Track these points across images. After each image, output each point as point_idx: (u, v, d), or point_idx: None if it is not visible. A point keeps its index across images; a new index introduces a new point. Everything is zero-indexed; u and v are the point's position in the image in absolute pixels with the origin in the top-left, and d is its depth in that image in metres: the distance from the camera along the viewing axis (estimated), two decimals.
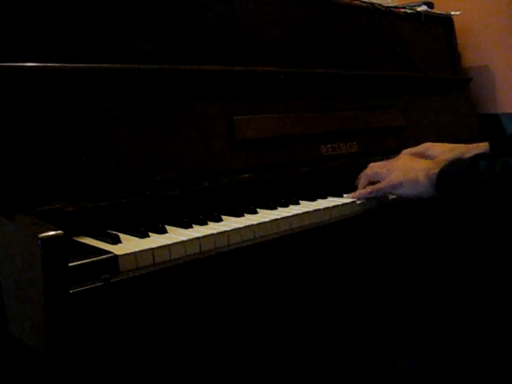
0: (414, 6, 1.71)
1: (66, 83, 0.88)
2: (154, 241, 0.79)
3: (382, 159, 1.16)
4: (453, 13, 1.79)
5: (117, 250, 0.74)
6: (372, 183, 1.10)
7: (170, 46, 1.07)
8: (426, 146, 1.20)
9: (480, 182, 0.91)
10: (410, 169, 1.04)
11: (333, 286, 1.16)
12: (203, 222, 0.89)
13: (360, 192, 1.09)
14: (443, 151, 1.17)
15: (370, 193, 1.07)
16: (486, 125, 1.71)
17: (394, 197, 1.09)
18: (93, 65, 0.91)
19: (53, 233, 0.65)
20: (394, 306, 1.23)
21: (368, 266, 1.20)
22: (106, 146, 0.90)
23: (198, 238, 0.80)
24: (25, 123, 0.83)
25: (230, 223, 0.89)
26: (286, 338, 1.10)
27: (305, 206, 1.01)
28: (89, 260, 0.70)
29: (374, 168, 1.11)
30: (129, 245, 0.77)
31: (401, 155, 1.16)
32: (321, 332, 1.14)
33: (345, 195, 1.10)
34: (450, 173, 0.97)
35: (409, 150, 1.22)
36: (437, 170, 0.98)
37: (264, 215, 0.95)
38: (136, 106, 0.95)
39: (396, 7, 1.63)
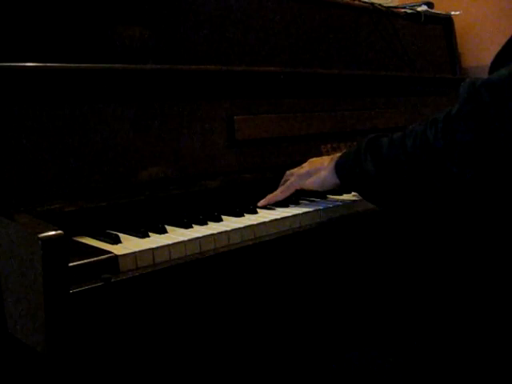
0: (414, 5, 1.71)
1: (66, 83, 0.88)
2: (154, 241, 0.79)
3: None
4: (453, 13, 1.79)
5: (117, 249, 0.74)
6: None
7: (170, 46, 1.07)
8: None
9: (377, 151, 0.87)
10: (318, 160, 1.03)
11: (330, 285, 1.16)
12: (203, 222, 0.89)
13: (269, 197, 1.03)
14: None
15: (282, 192, 1.03)
16: None
17: None
18: (93, 65, 0.91)
19: (53, 233, 0.65)
20: (390, 304, 1.24)
21: (362, 266, 1.20)
22: (106, 145, 0.90)
23: (198, 238, 0.81)
24: (25, 123, 0.83)
25: (229, 223, 0.89)
26: (282, 335, 1.10)
27: (305, 206, 1.01)
28: (89, 260, 0.70)
29: (289, 173, 1.07)
30: (129, 245, 0.77)
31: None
32: (311, 331, 1.14)
33: (344, 195, 1.10)
34: (350, 151, 0.95)
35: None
36: (341, 153, 0.96)
37: (264, 215, 0.95)
38: (136, 105, 0.95)
39: (396, 7, 1.63)
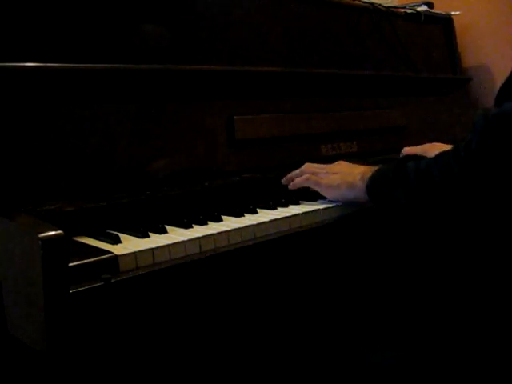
0: (414, 5, 1.71)
1: (66, 83, 0.88)
2: (154, 241, 0.79)
3: (382, 159, 1.16)
4: (453, 13, 1.79)
5: (117, 249, 0.74)
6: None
7: (170, 45, 1.07)
8: (426, 148, 1.17)
9: (405, 179, 0.89)
10: (348, 172, 1.02)
11: (330, 285, 1.16)
12: (203, 222, 0.89)
13: (297, 180, 1.07)
14: None
15: (301, 181, 1.06)
16: None
17: None
18: (93, 65, 0.91)
19: (53, 233, 0.65)
20: (386, 304, 1.23)
21: (362, 265, 1.20)
22: (106, 145, 0.90)
23: (197, 238, 0.80)
24: (25, 123, 0.82)
25: (229, 223, 0.89)
26: (282, 336, 1.10)
27: (305, 206, 1.01)
28: (89, 260, 0.70)
29: (312, 168, 1.08)
30: (129, 245, 0.77)
31: (340, 161, 1.10)
32: (311, 331, 1.14)
33: None
34: (379, 173, 0.95)
35: (409, 148, 1.21)
36: (371, 173, 0.96)
37: (264, 215, 0.94)
38: (136, 105, 0.95)
39: (396, 7, 1.63)
